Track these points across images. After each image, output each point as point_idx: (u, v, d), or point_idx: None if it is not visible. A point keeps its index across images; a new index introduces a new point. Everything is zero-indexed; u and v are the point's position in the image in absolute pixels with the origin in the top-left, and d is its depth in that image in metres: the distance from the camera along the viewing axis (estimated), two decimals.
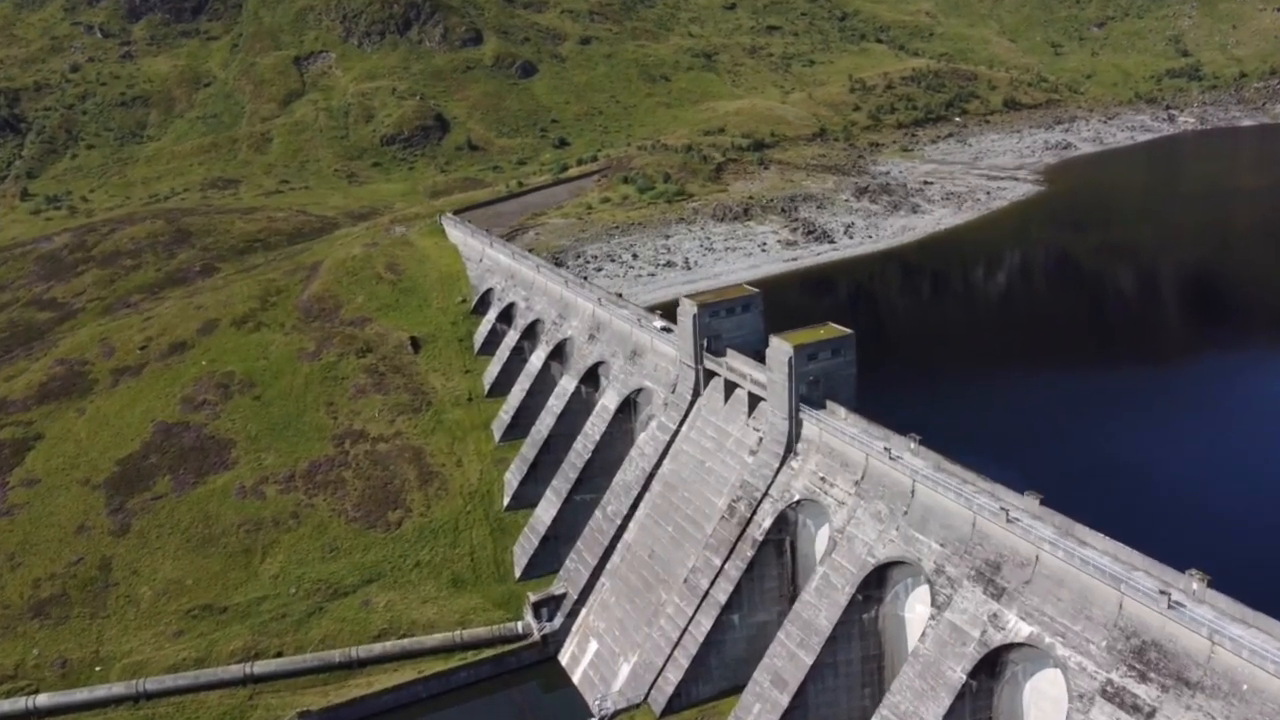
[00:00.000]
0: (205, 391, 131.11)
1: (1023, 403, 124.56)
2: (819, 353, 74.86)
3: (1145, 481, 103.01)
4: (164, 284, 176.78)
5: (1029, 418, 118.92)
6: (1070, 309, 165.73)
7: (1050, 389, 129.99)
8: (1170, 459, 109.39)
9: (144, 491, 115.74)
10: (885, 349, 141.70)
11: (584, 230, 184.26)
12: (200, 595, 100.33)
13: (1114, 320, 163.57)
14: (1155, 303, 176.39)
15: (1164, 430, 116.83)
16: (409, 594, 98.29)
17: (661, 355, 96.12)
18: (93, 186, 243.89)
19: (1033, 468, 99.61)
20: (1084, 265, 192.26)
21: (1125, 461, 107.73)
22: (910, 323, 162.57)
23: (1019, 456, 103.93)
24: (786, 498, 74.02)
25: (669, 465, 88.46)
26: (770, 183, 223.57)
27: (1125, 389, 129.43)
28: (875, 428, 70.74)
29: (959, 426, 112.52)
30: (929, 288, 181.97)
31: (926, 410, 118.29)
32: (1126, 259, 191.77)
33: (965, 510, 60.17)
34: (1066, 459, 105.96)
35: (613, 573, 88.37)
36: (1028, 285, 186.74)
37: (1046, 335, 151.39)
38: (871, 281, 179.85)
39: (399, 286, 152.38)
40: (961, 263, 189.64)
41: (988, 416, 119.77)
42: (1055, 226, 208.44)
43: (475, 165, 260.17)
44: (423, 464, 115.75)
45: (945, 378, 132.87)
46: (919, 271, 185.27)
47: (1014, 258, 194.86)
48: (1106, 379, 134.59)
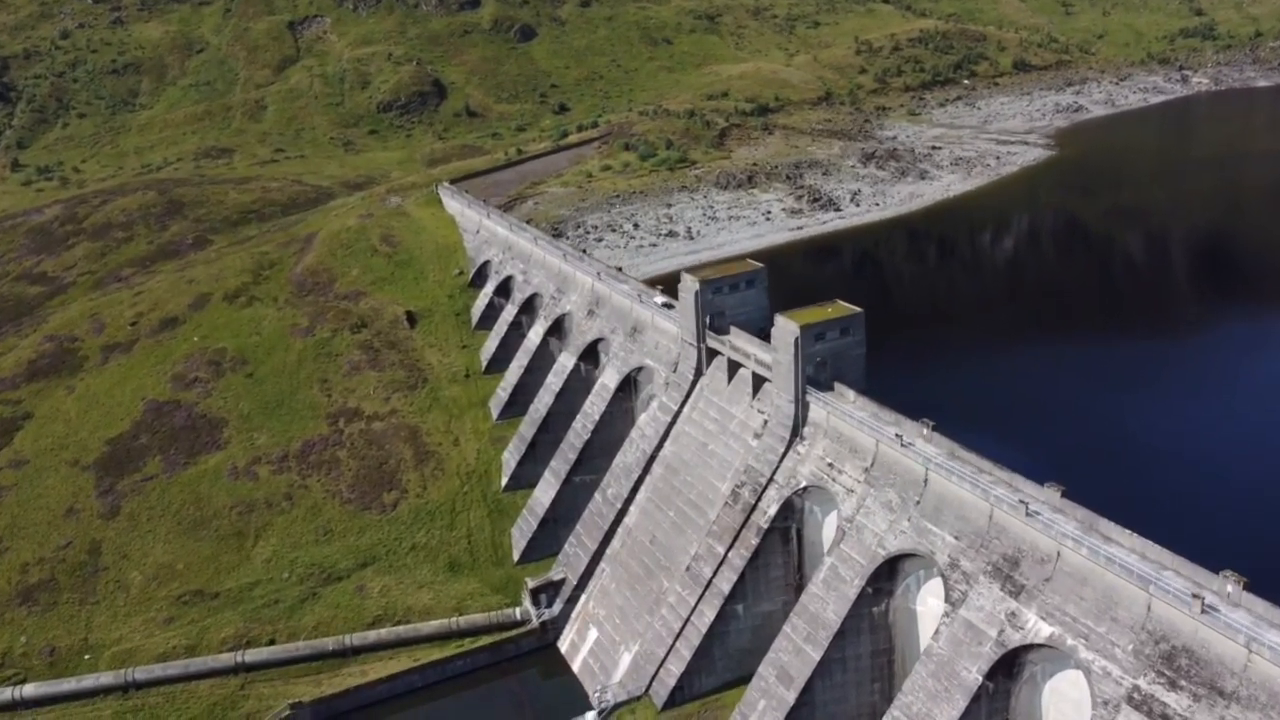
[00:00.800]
0: (196, 369, 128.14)
1: (1037, 378, 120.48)
2: (827, 332, 71.47)
3: (1172, 468, 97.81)
4: (156, 257, 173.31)
5: (1044, 394, 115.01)
6: (1083, 278, 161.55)
7: (1066, 362, 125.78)
8: (1199, 443, 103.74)
9: (134, 472, 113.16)
10: (893, 321, 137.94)
11: (584, 199, 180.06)
12: (191, 580, 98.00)
13: (1130, 289, 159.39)
14: (1171, 271, 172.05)
15: (1190, 409, 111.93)
16: (404, 578, 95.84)
17: (663, 333, 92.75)
18: (84, 156, 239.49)
19: (1049, 450, 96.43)
20: (1097, 232, 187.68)
21: (1150, 445, 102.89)
22: (919, 293, 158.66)
23: (1035, 437, 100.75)
24: (792, 484, 70.99)
25: (670, 447, 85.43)
26: (775, 149, 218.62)
27: (1146, 363, 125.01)
28: (886, 412, 67.50)
29: (970, 403, 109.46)
30: (938, 257, 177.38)
31: (936, 386, 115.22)
32: (1140, 225, 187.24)
33: (981, 502, 57.07)
34: (1086, 441, 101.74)
35: (613, 558, 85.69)
36: (1039, 254, 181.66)
37: (1060, 306, 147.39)
38: (879, 251, 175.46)
39: (394, 259, 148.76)
40: (971, 231, 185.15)
41: (1000, 392, 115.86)
42: (1067, 192, 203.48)
43: (474, 132, 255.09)
44: (419, 443, 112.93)
45: (955, 351, 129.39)
46: (927, 240, 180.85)
47: (1025, 225, 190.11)
48: (1125, 352, 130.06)
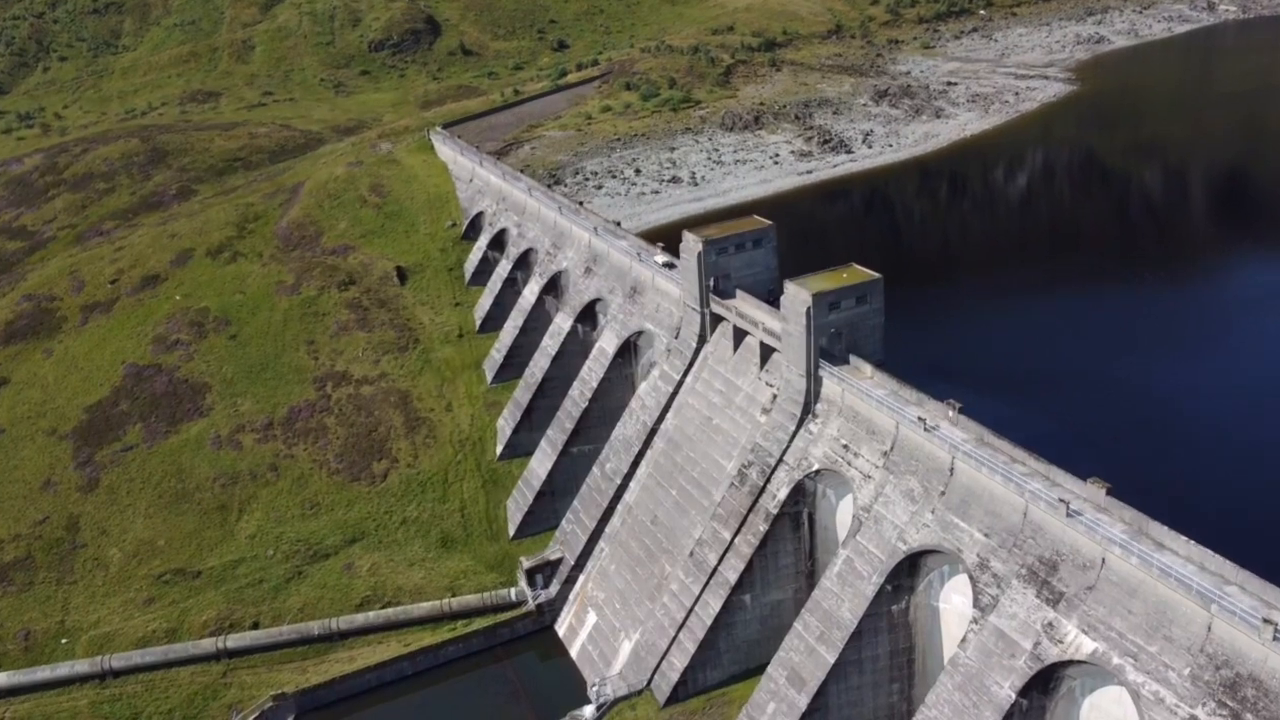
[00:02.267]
0: (178, 330, 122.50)
1: (1064, 335, 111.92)
2: (841, 301, 65.27)
3: (1225, 451, 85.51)
4: (138, 208, 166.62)
5: (1073, 355, 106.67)
6: (1109, 224, 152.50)
7: (1095, 318, 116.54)
8: (1257, 422, 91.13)
9: (114, 442, 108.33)
10: (910, 272, 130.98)
11: (583, 143, 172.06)
12: (172, 558, 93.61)
13: (1159, 235, 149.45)
14: (1199, 213, 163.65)
15: (1241, 374, 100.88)
16: (394, 555, 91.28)
17: (664, 295, 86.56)
18: (66, 102, 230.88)
19: (1080, 422, 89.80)
20: (1122, 173, 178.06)
21: (1198, 420, 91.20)
22: (935, 242, 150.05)
23: (1064, 407, 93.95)
24: (804, 466, 65.46)
25: (672, 420, 79.86)
26: (783, 86, 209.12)
27: (1185, 318, 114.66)
28: (907, 389, 61.60)
29: (990, 364, 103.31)
30: (954, 201, 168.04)
31: (953, 342, 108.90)
32: (1166, 165, 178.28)
33: (1015, 497, 51.46)
34: (1123, 415, 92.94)
35: (612, 537, 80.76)
36: (1061, 198, 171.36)
37: (1086, 255, 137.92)
38: (892, 196, 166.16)
39: (384, 210, 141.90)
40: (989, 173, 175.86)
41: (1024, 352, 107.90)
42: (1090, 131, 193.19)
43: (469, 71, 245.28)
44: (409, 409, 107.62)
45: (976, 304, 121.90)
46: (943, 183, 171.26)
47: (1046, 166, 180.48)
48: (1162, 306, 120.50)
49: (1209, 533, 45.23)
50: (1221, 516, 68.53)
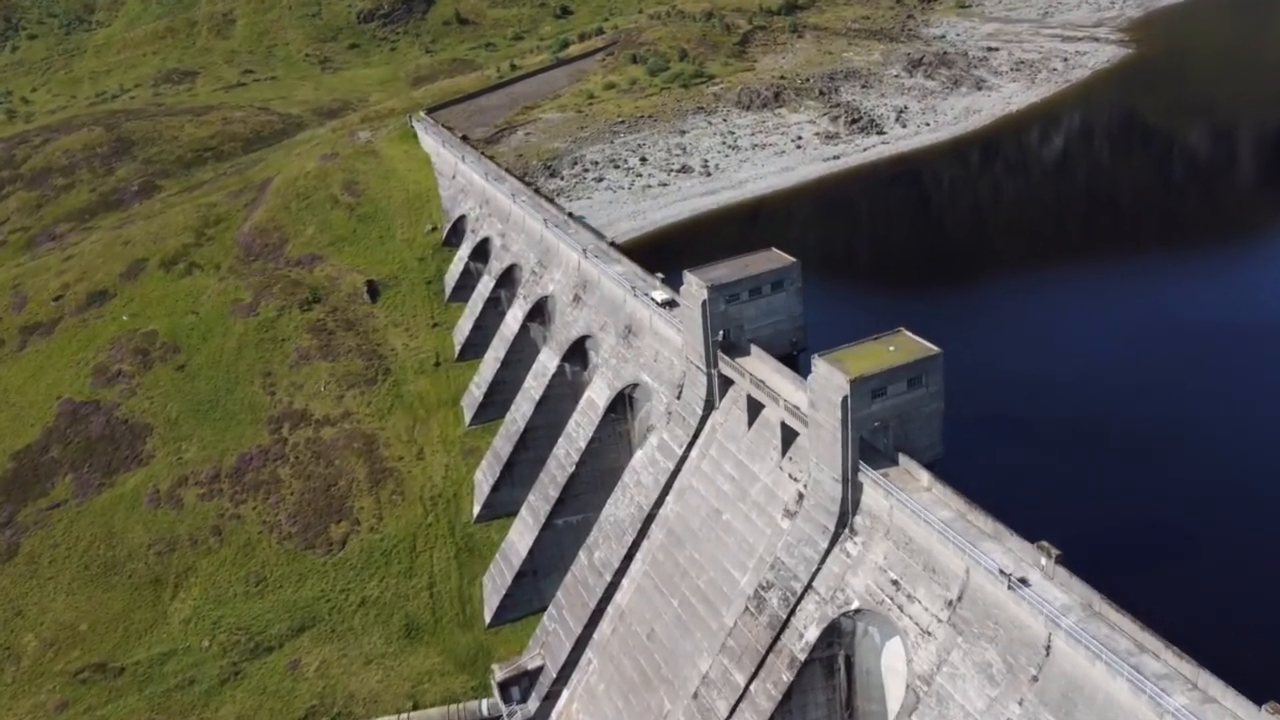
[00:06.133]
0: (122, 358, 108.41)
1: (1147, 355, 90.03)
2: (889, 386, 49.75)
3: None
4: (96, 208, 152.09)
5: (1163, 400, 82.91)
6: (1181, 217, 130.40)
7: (1197, 349, 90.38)
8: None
9: (40, 498, 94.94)
10: (951, 281, 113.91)
11: (583, 127, 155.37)
12: (95, 648, 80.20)
13: (1247, 230, 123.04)
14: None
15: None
16: (349, 649, 77.28)
17: (663, 341, 71.18)
18: (34, 85, 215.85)
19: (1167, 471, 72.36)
20: (1192, 153, 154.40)
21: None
22: (979, 245, 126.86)
23: (1144, 447, 76.92)
24: (839, 600, 50.30)
25: (673, 505, 64.85)
26: (805, 56, 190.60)
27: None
28: (978, 512, 46.17)
29: (1057, 392, 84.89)
30: (1003, 191, 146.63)
31: (1010, 361, 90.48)
32: (1239, 140, 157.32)
33: (1149, 715, 36.03)
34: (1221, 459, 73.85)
35: (601, 647, 66.18)
36: (1125, 183, 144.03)
37: (1157, 251, 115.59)
38: (931, 185, 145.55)
39: (357, 212, 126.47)
40: (1040, 156, 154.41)
41: (1101, 394, 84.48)
42: (1153, 104, 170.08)
43: (465, 43, 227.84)
44: (375, 457, 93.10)
45: (1033, 318, 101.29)
46: (989, 168, 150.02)
47: (1105, 147, 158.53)
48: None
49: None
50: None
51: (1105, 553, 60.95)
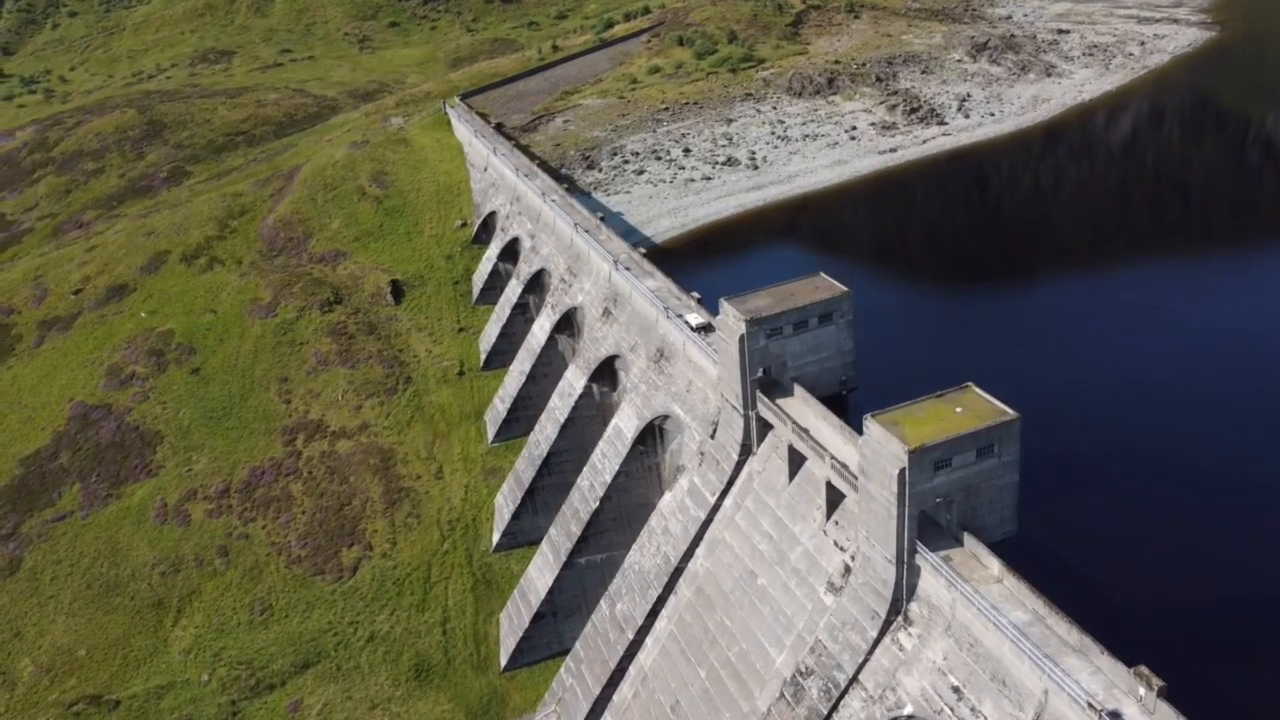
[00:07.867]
0: (136, 359, 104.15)
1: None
2: (954, 457, 42.34)
3: None
4: (124, 194, 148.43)
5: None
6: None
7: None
8: None
9: (46, 508, 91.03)
10: (1020, 297, 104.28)
11: (625, 114, 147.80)
12: (92, 676, 76.01)
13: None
14: None
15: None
16: (354, 690, 72.13)
17: (697, 370, 64.25)
18: (73, 64, 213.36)
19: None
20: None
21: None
22: (1052, 251, 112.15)
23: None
24: (890, 701, 43.32)
25: (704, 560, 58.15)
26: (862, 38, 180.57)
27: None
28: (1059, 617, 38.90)
29: (1158, 453, 70.56)
30: (1077, 193, 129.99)
31: (1100, 411, 77.90)
32: None
33: None
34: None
35: (621, 711, 59.98)
36: (1213, 183, 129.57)
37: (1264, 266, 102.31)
38: (996, 182, 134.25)
39: (385, 205, 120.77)
40: (1114, 151, 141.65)
41: (1215, 438, 71.65)
42: (1243, 93, 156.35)
43: (507, 21, 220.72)
44: (392, 475, 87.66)
45: (1115, 340, 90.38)
46: (1058, 165, 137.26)
47: (1187, 142, 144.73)
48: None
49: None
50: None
51: (1222, 683, 49.25)
